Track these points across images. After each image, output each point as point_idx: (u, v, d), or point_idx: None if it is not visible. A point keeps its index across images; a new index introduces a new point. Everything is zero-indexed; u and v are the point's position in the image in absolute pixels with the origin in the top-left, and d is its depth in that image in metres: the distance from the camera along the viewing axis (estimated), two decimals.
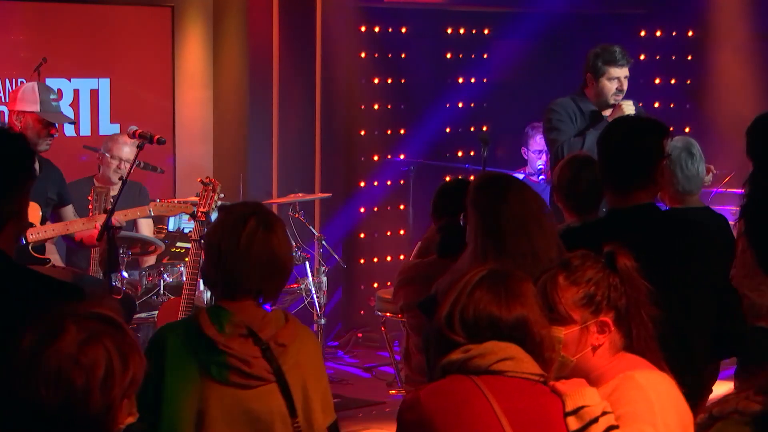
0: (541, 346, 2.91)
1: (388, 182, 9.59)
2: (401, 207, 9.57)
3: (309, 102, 9.21)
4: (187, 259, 6.74)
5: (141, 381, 2.38)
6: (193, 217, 6.47)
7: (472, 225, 3.87)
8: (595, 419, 2.89)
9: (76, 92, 8.53)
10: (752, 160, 4.89)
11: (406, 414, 2.89)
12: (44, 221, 6.31)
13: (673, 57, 9.93)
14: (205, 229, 6.00)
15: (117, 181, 7.08)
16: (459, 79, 9.86)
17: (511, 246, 3.74)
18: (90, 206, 6.50)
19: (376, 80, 9.52)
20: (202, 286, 6.24)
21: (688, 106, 9.89)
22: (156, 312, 6.65)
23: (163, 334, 3.40)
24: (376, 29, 9.49)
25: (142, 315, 6.86)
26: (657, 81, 9.89)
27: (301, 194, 8.27)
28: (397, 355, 7.04)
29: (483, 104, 9.91)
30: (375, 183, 9.52)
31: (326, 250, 8.23)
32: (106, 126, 8.60)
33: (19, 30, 8.36)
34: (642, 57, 9.49)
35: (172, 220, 7.95)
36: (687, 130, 9.07)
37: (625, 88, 6.68)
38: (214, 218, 5.26)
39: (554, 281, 3.12)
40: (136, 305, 6.76)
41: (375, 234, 9.64)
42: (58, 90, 7.26)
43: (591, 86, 6.70)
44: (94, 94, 8.62)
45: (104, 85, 8.67)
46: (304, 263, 7.80)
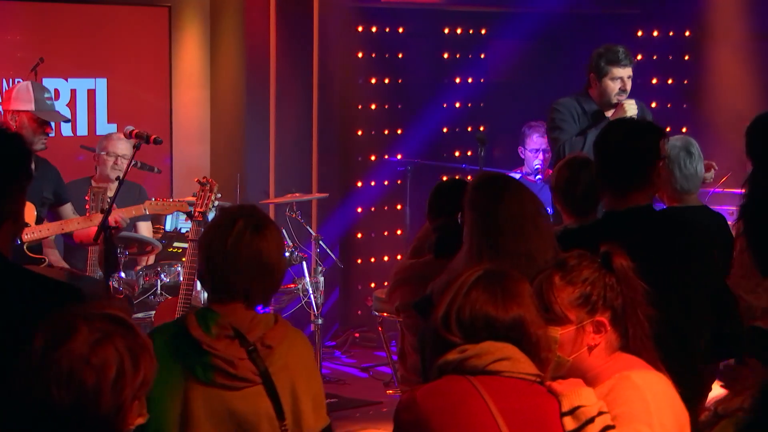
0: (537, 347, 2.90)
1: (385, 182, 9.57)
2: (398, 207, 9.57)
3: (306, 102, 9.20)
4: (184, 259, 6.73)
5: (152, 382, 2.39)
6: (190, 217, 6.46)
7: (469, 225, 3.87)
8: (592, 419, 2.89)
9: (73, 92, 8.51)
10: (752, 159, 4.85)
11: (403, 414, 2.89)
12: (40, 221, 6.29)
13: (670, 57, 9.93)
14: (202, 230, 5.99)
15: (115, 180, 7.06)
16: (456, 79, 9.86)
17: (507, 246, 3.74)
18: (87, 206, 6.49)
19: (373, 80, 9.51)
20: (199, 287, 6.24)
21: (685, 106, 9.89)
22: (153, 312, 6.64)
23: (152, 335, 3.39)
24: (373, 29, 9.48)
25: (139, 315, 6.85)
26: (654, 81, 9.88)
27: (298, 194, 8.27)
28: (394, 355, 7.01)
29: (480, 104, 9.90)
30: (372, 183, 9.51)
31: (323, 250, 8.22)
32: (103, 126, 8.59)
33: (16, 30, 8.36)
34: (639, 57, 9.45)
35: (169, 220, 7.95)
36: (684, 130, 9.07)
37: (629, 88, 6.69)
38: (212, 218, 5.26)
39: (550, 281, 3.12)
40: (133, 305, 6.75)
41: (372, 234, 9.64)
42: (54, 90, 7.25)
43: (594, 86, 6.71)
44: (91, 94, 8.61)
45: (101, 85, 8.66)
46: (301, 263, 7.81)
